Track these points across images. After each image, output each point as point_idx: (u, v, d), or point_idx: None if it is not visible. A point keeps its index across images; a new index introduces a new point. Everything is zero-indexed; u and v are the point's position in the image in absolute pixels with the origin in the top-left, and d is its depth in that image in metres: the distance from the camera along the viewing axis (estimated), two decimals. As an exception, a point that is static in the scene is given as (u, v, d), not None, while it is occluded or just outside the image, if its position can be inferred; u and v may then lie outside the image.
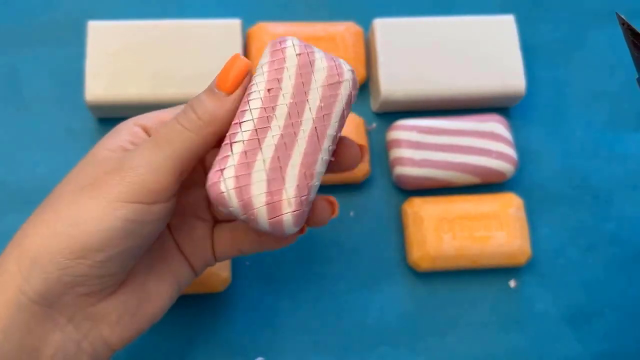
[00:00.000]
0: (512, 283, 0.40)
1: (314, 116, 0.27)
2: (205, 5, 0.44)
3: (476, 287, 0.40)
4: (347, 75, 0.27)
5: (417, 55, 0.41)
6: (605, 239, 0.41)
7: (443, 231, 0.39)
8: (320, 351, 0.38)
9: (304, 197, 0.26)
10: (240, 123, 0.26)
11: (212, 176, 0.26)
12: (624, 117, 0.44)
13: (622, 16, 0.29)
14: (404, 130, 0.40)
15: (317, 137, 0.27)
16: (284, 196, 0.26)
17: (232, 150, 0.26)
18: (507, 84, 0.41)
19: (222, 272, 0.37)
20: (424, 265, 0.39)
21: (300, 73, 0.27)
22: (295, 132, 0.26)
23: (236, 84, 0.27)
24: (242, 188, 0.26)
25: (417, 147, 0.40)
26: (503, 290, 0.40)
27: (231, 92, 0.27)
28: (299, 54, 0.27)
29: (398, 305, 0.39)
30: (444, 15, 0.43)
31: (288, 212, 0.26)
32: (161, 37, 0.40)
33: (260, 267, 0.39)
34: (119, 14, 0.43)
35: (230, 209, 0.26)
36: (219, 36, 0.41)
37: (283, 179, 0.26)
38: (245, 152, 0.26)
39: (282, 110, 0.26)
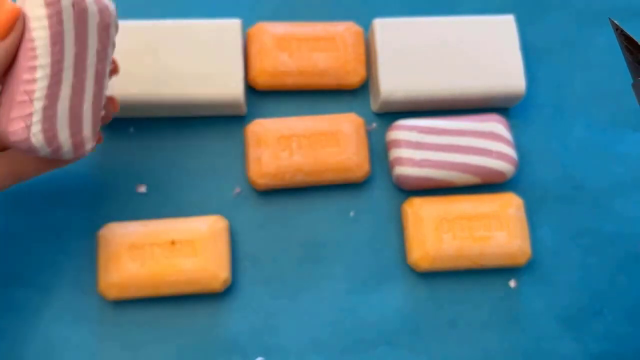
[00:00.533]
0: (512, 283, 0.40)
1: (95, 60, 0.31)
2: (205, 5, 0.45)
3: (476, 287, 0.40)
4: (113, 13, 0.31)
5: (417, 55, 0.41)
6: (605, 239, 0.41)
7: (443, 231, 0.39)
8: (320, 351, 0.38)
9: (97, 127, 0.32)
10: (35, 80, 0.28)
11: (18, 130, 0.28)
12: (624, 117, 0.44)
13: (616, 22, 0.29)
14: (404, 130, 0.40)
15: (101, 76, 0.32)
16: (85, 134, 0.31)
17: (34, 107, 0.28)
18: (507, 84, 0.41)
19: (221, 273, 0.37)
20: (424, 265, 0.39)
21: (78, 23, 0.29)
22: (83, 78, 0.30)
23: (8, 29, 0.28)
24: (50, 138, 0.29)
25: (417, 147, 0.40)
26: (503, 290, 0.40)
27: (4, 38, 0.28)
28: (74, 4, 0.29)
29: (398, 305, 0.39)
30: (444, 15, 0.43)
31: (89, 145, 0.32)
32: (162, 37, 0.40)
33: (260, 267, 0.39)
34: (119, 14, 0.43)
35: (42, 154, 0.30)
36: (219, 36, 0.41)
37: (81, 121, 0.31)
38: (46, 107, 0.29)
39: (69, 62, 0.29)
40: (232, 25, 0.41)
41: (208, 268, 0.37)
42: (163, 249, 0.37)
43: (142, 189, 0.40)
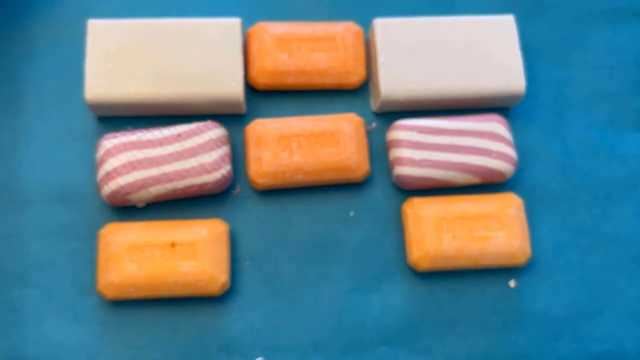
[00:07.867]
0: (512, 283, 0.40)
1: None
2: (205, 4, 0.44)
3: (476, 287, 0.40)
4: None
5: (417, 55, 0.41)
6: (605, 239, 0.41)
7: (443, 231, 0.39)
8: (320, 351, 0.38)
9: None
10: None
11: None
12: (624, 117, 0.44)
13: None
14: (404, 130, 0.40)
15: None
16: None
17: None
18: (507, 84, 0.41)
19: (220, 276, 0.37)
20: (424, 265, 0.39)
21: None
22: None
23: None
24: None
25: (417, 147, 0.40)
26: (503, 290, 0.40)
27: None
28: None
29: (398, 305, 0.39)
30: (444, 15, 0.43)
31: None
32: (161, 36, 0.40)
33: (259, 267, 0.39)
34: (119, 13, 0.43)
35: None
36: (219, 36, 0.41)
37: None
38: None
39: None
40: (232, 25, 0.41)
41: (207, 271, 0.37)
42: (163, 250, 0.37)
43: (142, 188, 0.40)
